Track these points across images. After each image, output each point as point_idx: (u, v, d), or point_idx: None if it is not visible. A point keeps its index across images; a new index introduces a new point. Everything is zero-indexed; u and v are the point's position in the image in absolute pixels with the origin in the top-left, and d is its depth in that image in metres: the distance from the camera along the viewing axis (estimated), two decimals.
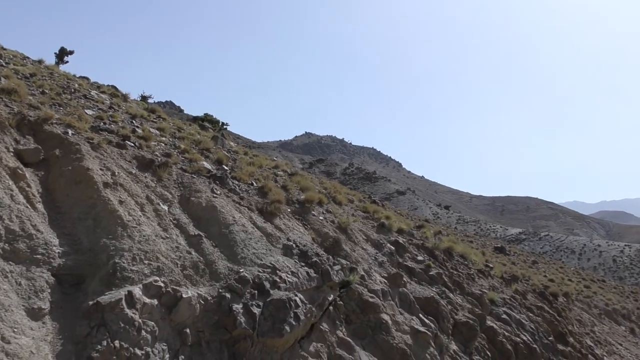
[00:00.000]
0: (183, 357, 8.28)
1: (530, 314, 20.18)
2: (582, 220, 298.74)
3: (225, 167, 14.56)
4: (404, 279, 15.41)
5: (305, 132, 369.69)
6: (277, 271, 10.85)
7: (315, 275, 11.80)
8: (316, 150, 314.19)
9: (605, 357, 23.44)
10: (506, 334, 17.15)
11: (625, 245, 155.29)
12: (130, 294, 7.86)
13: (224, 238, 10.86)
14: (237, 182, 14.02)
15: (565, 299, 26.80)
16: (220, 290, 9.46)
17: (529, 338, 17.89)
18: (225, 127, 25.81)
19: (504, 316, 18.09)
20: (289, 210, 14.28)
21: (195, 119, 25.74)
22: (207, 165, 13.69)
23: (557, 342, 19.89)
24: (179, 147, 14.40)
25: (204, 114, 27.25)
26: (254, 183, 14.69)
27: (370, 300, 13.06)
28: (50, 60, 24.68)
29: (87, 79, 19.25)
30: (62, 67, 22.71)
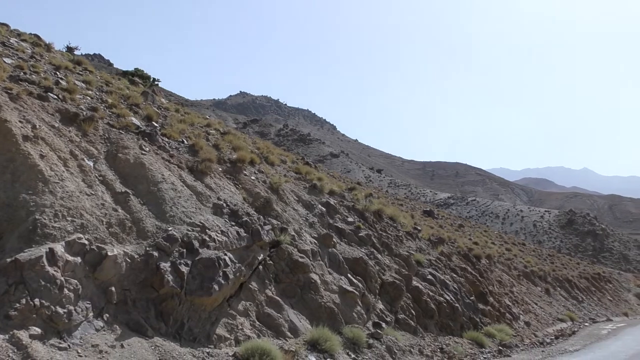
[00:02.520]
0: (108, 315, 8.14)
1: (454, 275, 20.98)
2: (507, 187, 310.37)
3: (155, 124, 14.16)
4: (334, 239, 15.63)
5: (240, 91, 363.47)
6: (207, 230, 10.76)
7: (245, 234, 11.79)
8: (251, 111, 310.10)
9: (521, 315, 24.73)
10: (430, 293, 17.80)
11: (545, 211, 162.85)
12: (51, 251, 7.61)
13: (152, 196, 10.64)
14: (167, 140, 13.69)
15: (487, 261, 27.93)
16: (147, 249, 9.32)
17: (452, 297, 18.63)
18: (156, 83, 25.02)
19: (429, 277, 18.73)
20: (220, 169, 14.12)
21: (124, 74, 24.80)
22: (135, 121, 13.27)
23: (478, 302, 20.83)
24: (106, 101, 13.86)
25: (135, 68, 26.30)
26: (185, 141, 14.39)
27: (300, 260, 13.20)
28: None
29: (7, 25, 18.09)
30: None
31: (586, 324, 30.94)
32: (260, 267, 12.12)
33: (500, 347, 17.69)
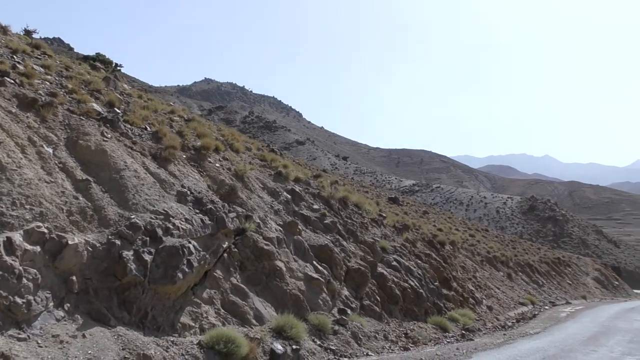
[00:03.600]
0: (69, 305, 8.01)
1: (419, 261, 21.23)
2: (470, 174, 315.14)
3: (117, 110, 13.89)
4: (299, 227, 15.64)
5: (205, 78, 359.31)
6: (171, 218, 10.64)
7: (210, 222, 11.69)
8: (216, 97, 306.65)
9: (484, 300, 25.20)
10: (395, 279, 17.98)
11: (508, 197, 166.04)
12: (9, 240, 7.42)
13: (114, 183, 10.46)
14: (129, 126, 13.45)
15: (451, 247, 28.34)
16: (109, 237, 9.17)
17: (417, 283, 18.86)
18: (118, 68, 24.52)
19: (394, 263, 18.92)
20: (184, 156, 13.96)
21: (85, 58, 24.22)
22: (97, 107, 12.99)
23: (442, 287, 21.14)
24: (66, 86, 13.53)
25: (96, 53, 25.70)
26: (148, 128, 14.16)
27: (265, 247, 13.18)
28: None
29: None
30: None
31: (546, 307, 31.73)
32: (225, 255, 12.06)
33: (463, 331, 18.01)
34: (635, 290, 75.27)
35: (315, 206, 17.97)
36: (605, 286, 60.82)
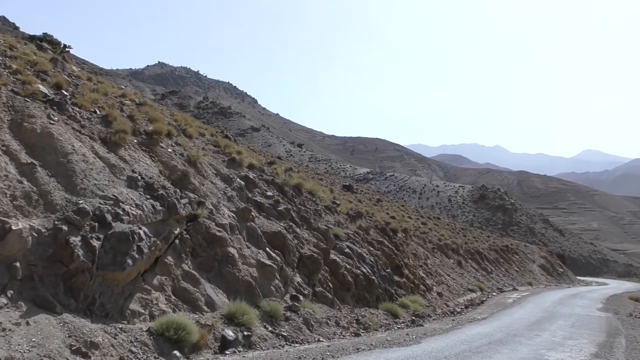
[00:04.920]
0: (12, 292, 7.78)
1: (371, 248, 21.46)
2: (424, 162, 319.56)
3: (65, 93, 13.47)
4: (253, 213, 15.58)
5: (159, 62, 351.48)
6: (120, 203, 10.43)
7: (161, 208, 11.52)
8: (169, 82, 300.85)
9: (434, 287, 25.69)
10: (348, 266, 18.13)
11: (460, 186, 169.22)
12: None
13: (61, 168, 10.17)
14: (78, 109, 13.07)
15: (403, 235, 28.73)
16: (56, 222, 8.92)
17: (369, 270, 19.07)
18: (67, 49, 23.72)
19: (347, 250, 19.06)
20: (135, 141, 13.68)
21: (32, 38, 23.33)
22: (43, 89, 12.57)
23: (393, 274, 21.43)
24: (10, 67, 13.04)
25: (43, 33, 24.82)
26: (98, 111, 13.80)
27: (218, 234, 13.09)
28: None
29: None
30: None
31: (494, 293, 32.60)
32: (177, 241, 11.92)
33: (413, 317, 18.33)
34: (578, 277, 78.07)
35: (269, 193, 17.92)
36: (550, 273, 62.88)
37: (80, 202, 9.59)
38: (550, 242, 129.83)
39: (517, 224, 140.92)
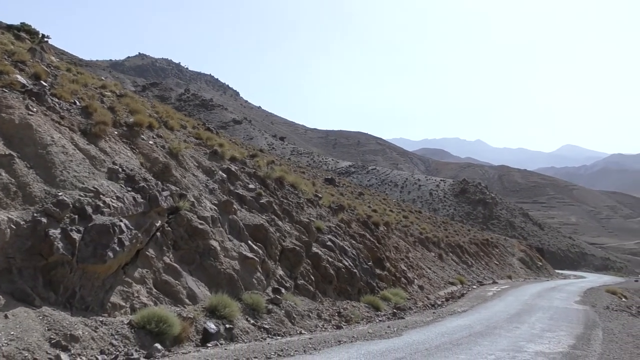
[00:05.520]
0: None
1: (353, 241, 21.52)
2: (405, 156, 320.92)
3: (44, 83, 13.29)
4: (235, 206, 15.53)
5: (139, 53, 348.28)
6: (101, 195, 10.33)
7: (142, 200, 11.43)
8: (150, 73, 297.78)
9: (415, 280, 25.85)
10: (330, 259, 18.17)
11: (441, 180, 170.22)
12: None
13: (40, 159, 10.03)
14: (57, 100, 12.89)
15: (385, 228, 28.83)
16: (35, 215, 8.80)
17: (350, 263, 19.12)
18: (46, 39, 23.35)
19: (329, 243, 19.09)
20: (116, 133, 13.53)
21: (9, 28, 22.93)
22: (21, 79, 12.36)
23: (375, 267, 21.52)
24: None
25: (21, 23, 24.39)
26: (77, 102, 13.62)
27: (200, 226, 13.02)
28: None
29: None
30: None
31: (474, 286, 32.89)
32: (158, 233, 11.84)
33: (395, 310, 18.44)
34: (557, 271, 79.09)
35: (251, 186, 17.87)
36: (529, 266, 63.60)
37: (60, 194, 9.47)
38: (530, 236, 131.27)
39: (497, 218, 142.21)
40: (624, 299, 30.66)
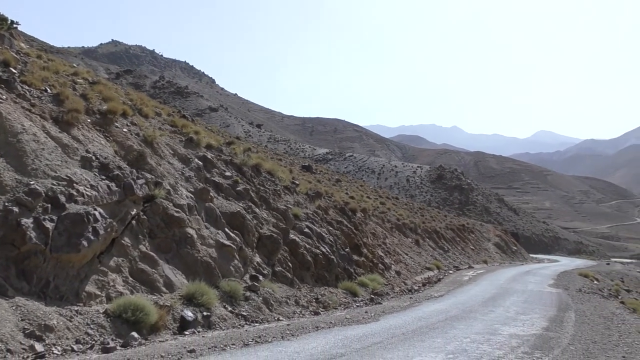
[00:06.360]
0: None
1: (331, 228, 21.56)
2: (382, 143, 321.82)
3: (14, 70, 13.02)
4: (211, 194, 15.44)
5: (112, 39, 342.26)
6: (74, 184, 10.20)
7: (117, 189, 11.32)
8: (124, 60, 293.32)
9: (392, 265, 26.04)
10: (307, 246, 18.20)
11: (418, 166, 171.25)
12: None
13: (11, 148, 9.85)
14: (27, 88, 12.64)
15: (362, 215, 28.94)
16: (6, 204, 8.67)
17: (328, 250, 19.18)
18: (15, 25, 22.87)
19: (306, 230, 19.11)
20: (89, 120, 13.32)
21: None
22: None
23: (352, 253, 21.62)
24: None
25: None
26: (49, 89, 13.38)
27: (176, 214, 12.93)
28: None
29: None
30: None
31: (450, 271, 33.25)
32: (134, 222, 11.74)
33: (372, 296, 18.56)
34: (531, 255, 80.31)
35: (228, 173, 17.77)
36: (504, 251, 64.47)
37: (32, 183, 9.33)
38: (505, 221, 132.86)
39: (473, 204, 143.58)
40: (595, 282, 31.26)
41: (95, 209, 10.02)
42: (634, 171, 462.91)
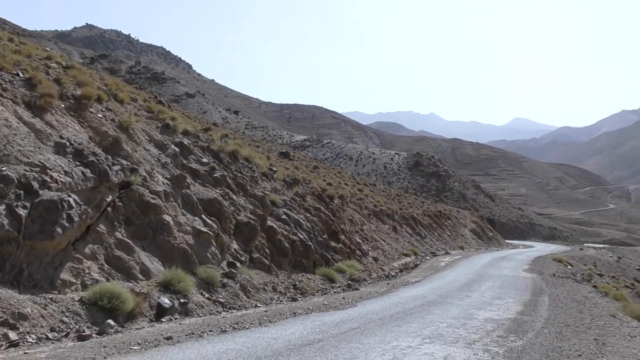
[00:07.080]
0: None
1: (308, 215, 21.57)
2: (360, 130, 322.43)
3: None
4: (188, 180, 15.33)
5: (87, 23, 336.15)
6: (48, 170, 10.04)
7: (91, 175, 11.17)
8: (99, 45, 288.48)
9: (370, 252, 26.18)
10: (285, 232, 18.20)
11: (395, 153, 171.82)
12: None
13: None
14: None
15: (340, 201, 28.99)
16: None
17: (305, 236, 19.20)
18: None
19: (284, 216, 19.10)
20: (62, 105, 13.10)
21: None
22: None
23: (330, 240, 21.68)
24: None
25: None
26: (21, 74, 13.11)
27: (152, 201, 12.82)
28: None
29: None
30: None
31: (427, 257, 33.55)
32: (109, 209, 11.60)
33: (349, 282, 18.66)
34: (507, 241, 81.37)
35: (205, 160, 17.65)
36: (480, 237, 65.22)
37: (4, 169, 9.16)
38: (481, 208, 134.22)
39: (450, 190, 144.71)
40: (569, 267, 31.86)
41: (69, 196, 9.88)
42: (607, 158, 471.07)
